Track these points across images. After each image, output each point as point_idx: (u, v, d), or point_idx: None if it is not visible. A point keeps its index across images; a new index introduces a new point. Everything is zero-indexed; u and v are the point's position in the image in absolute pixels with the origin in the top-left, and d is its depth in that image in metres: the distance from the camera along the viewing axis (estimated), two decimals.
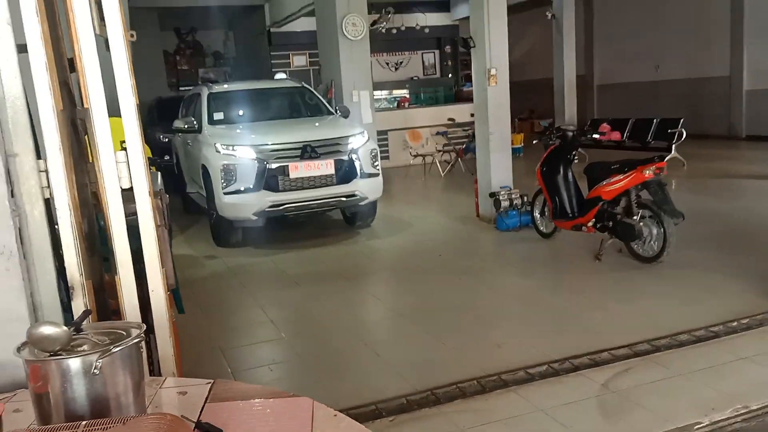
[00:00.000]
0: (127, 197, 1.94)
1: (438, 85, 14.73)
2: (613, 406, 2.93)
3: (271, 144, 6.36)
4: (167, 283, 3.17)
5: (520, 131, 13.18)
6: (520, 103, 16.54)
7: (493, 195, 6.70)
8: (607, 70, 16.08)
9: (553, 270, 5.32)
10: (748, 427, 2.66)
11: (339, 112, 7.91)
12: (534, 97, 16.20)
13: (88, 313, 1.60)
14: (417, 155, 11.52)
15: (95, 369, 1.38)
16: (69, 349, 1.42)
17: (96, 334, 1.50)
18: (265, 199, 6.23)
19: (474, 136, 7.33)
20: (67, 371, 1.38)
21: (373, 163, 6.79)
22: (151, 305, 1.97)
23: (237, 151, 6.33)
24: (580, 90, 16.56)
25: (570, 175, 5.65)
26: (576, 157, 5.74)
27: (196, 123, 7.14)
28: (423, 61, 15.33)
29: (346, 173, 6.54)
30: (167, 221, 5.10)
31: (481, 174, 7.09)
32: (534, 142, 6.40)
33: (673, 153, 9.65)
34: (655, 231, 4.86)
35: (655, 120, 10.35)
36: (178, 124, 7.31)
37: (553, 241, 5.99)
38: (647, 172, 4.80)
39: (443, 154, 11.48)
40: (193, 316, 4.44)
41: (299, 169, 6.31)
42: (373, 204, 7.07)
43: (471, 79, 7.87)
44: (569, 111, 12.12)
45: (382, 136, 12.56)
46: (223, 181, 6.27)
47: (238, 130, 6.97)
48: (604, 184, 5.11)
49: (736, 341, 3.49)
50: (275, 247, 6.66)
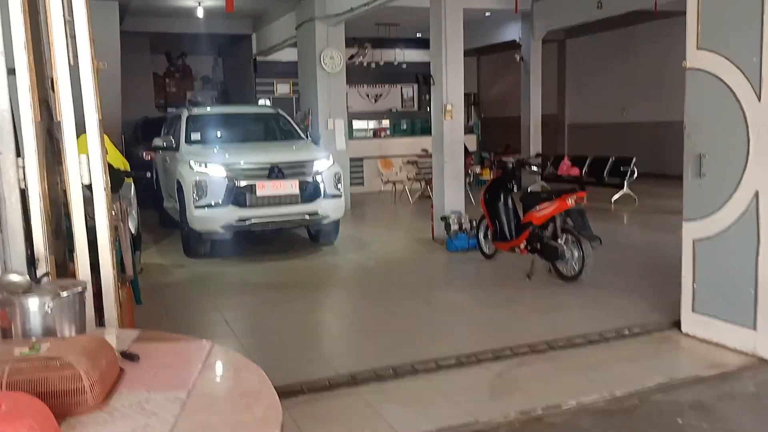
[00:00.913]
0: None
1: (415, 117, 15.44)
2: (500, 389, 3.45)
3: (242, 163, 6.91)
4: (126, 274, 3.70)
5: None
6: (498, 139, 17.36)
7: (444, 219, 7.26)
8: (578, 110, 16.91)
9: (487, 286, 5.87)
10: (609, 409, 3.18)
11: (310, 137, 8.50)
12: (511, 132, 16.98)
13: (46, 273, 2.11)
14: (388, 182, 12.11)
15: (48, 308, 1.88)
16: (29, 294, 1.93)
17: (51, 286, 2.01)
18: (233, 214, 6.75)
19: None
20: (26, 308, 1.88)
21: (336, 185, 7.32)
22: (100, 273, 2.46)
23: (209, 168, 6.86)
24: (553, 128, 17.39)
25: (509, 201, 6.22)
26: (515, 186, 6.32)
27: (174, 142, 7.70)
28: (402, 94, 16.08)
29: (311, 193, 7.07)
30: (136, 226, 5.60)
31: (436, 199, 7.67)
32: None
33: (625, 189, 10.33)
34: (576, 253, 5.42)
35: (611, 158, 11.04)
36: (157, 142, 7.87)
37: (494, 261, 6.54)
38: (569, 201, 5.40)
39: (413, 183, 12.08)
40: (155, 316, 4.88)
41: (266, 188, 6.84)
42: (336, 223, 7.58)
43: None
44: (534, 147, 12.80)
45: (358, 162, 13.18)
46: (195, 195, 6.79)
47: (213, 150, 7.52)
48: (534, 210, 5.69)
49: (620, 344, 4.03)
50: (241, 259, 7.15)
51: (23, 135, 2.29)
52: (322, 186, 7.15)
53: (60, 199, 2.66)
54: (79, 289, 1.98)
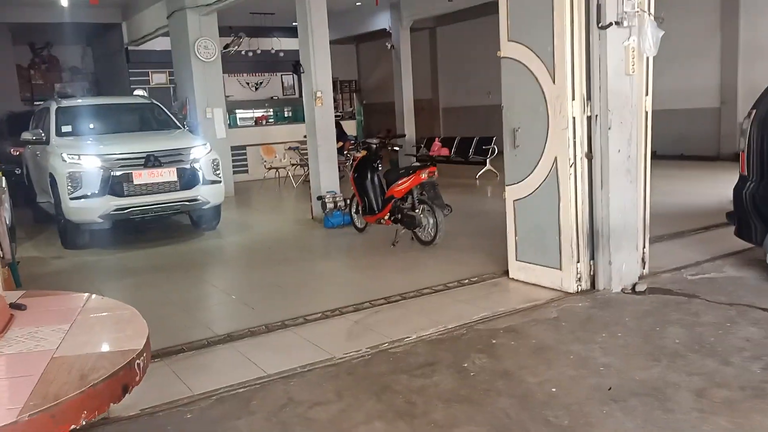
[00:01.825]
0: None
1: (296, 105, 15.78)
2: (355, 332, 4.06)
3: (116, 153, 7.04)
4: (5, 258, 3.94)
5: None
6: (379, 123, 18.11)
7: (321, 198, 7.82)
8: (450, 95, 18.05)
9: (356, 255, 6.51)
10: (441, 338, 3.88)
11: (187, 126, 8.70)
12: (392, 117, 17.80)
13: None
14: (271, 168, 12.46)
15: None
16: None
17: None
18: (110, 203, 6.88)
19: None
20: None
21: (214, 171, 7.63)
22: None
23: (82, 159, 6.93)
24: (428, 112, 18.44)
25: (375, 179, 6.87)
26: (380, 164, 6.97)
27: (44, 135, 7.62)
28: (282, 82, 16.35)
29: (189, 180, 7.33)
30: (11, 217, 5.70)
31: (313, 181, 8.20)
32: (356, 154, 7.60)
33: (487, 166, 11.41)
34: (431, 220, 6.18)
35: (474, 138, 12.10)
36: (26, 136, 7.75)
37: (365, 234, 7.19)
38: (423, 175, 6.13)
39: (296, 168, 12.51)
40: None
41: (143, 176, 7.03)
42: (217, 208, 7.88)
43: None
44: (408, 130, 13.66)
45: (241, 151, 13.38)
46: (69, 187, 6.84)
47: (86, 141, 7.54)
48: (395, 185, 6.38)
49: (460, 290, 4.80)
50: (122, 247, 7.30)
51: None
52: (200, 173, 7.43)
53: None
54: None
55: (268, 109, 15.70)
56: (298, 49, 8.18)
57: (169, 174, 7.19)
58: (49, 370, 1.72)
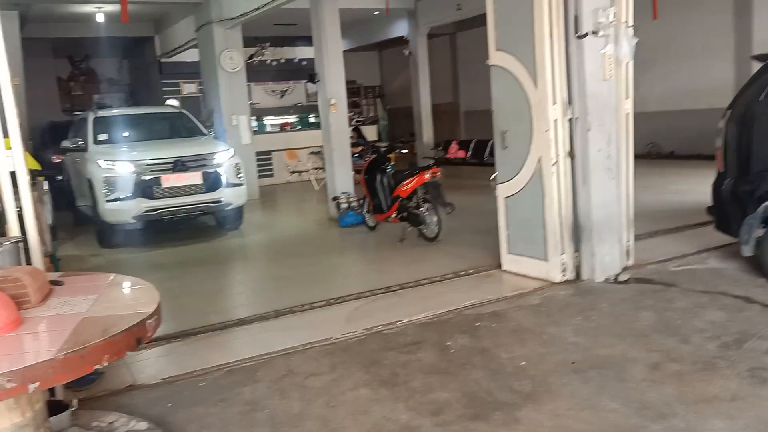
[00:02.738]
0: None
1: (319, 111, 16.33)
2: (354, 317, 4.48)
3: (146, 158, 7.63)
4: (45, 250, 4.46)
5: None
6: (403, 128, 18.55)
7: (335, 199, 8.28)
8: (471, 98, 18.37)
9: (365, 251, 6.95)
10: (430, 322, 4.27)
11: (213, 133, 9.28)
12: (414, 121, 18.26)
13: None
14: (294, 172, 13.00)
15: None
16: None
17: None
18: (141, 205, 7.47)
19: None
20: None
21: (237, 175, 8.15)
22: (28, 238, 3.27)
23: (117, 165, 7.54)
24: (449, 115, 18.79)
25: (384, 179, 7.29)
26: (389, 166, 7.39)
27: (82, 143, 8.28)
28: (306, 89, 16.89)
29: (213, 183, 7.88)
30: (51, 218, 6.29)
31: (328, 183, 8.67)
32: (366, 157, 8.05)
33: None
34: (435, 218, 6.57)
35: (490, 141, 12.42)
36: (66, 144, 8.42)
37: (376, 232, 7.61)
38: (427, 175, 6.53)
39: (318, 171, 13.02)
40: None
41: (170, 180, 7.60)
42: (239, 209, 8.40)
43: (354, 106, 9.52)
44: (427, 134, 14.05)
45: (266, 156, 13.96)
46: (105, 190, 7.45)
47: (120, 148, 8.16)
48: (401, 185, 6.79)
49: (455, 281, 5.18)
50: (152, 246, 7.87)
51: None
52: (223, 176, 7.96)
53: None
54: (18, 239, 2.83)
55: (293, 116, 16.28)
56: None
57: (194, 177, 7.74)
58: (80, 326, 2.20)
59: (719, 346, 3.48)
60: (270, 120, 15.98)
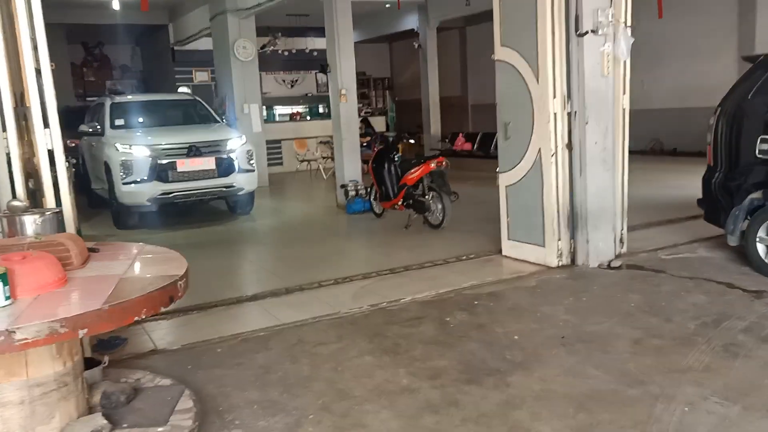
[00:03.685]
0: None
1: (329, 101, 16.56)
2: (360, 294, 4.77)
3: (162, 143, 7.92)
4: (75, 225, 4.75)
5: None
6: (412, 119, 18.78)
7: (344, 186, 8.55)
8: (479, 92, 18.57)
9: (372, 236, 7.23)
10: (432, 300, 4.55)
11: (225, 120, 9.56)
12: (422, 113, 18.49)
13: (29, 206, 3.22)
14: (303, 161, 13.27)
15: (36, 222, 3.01)
16: (26, 213, 3.04)
17: (38, 210, 3.13)
18: (157, 188, 7.77)
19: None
20: (23, 223, 3.00)
21: (249, 161, 8.44)
22: (63, 210, 3.56)
23: (133, 149, 7.83)
24: (458, 108, 19.01)
25: (392, 168, 7.55)
26: (397, 155, 7.66)
27: (99, 127, 8.58)
28: (317, 80, 17.17)
29: (226, 168, 8.17)
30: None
31: (337, 171, 8.95)
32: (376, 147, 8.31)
33: None
34: (439, 206, 6.83)
35: (496, 134, 12.62)
36: (83, 127, 8.72)
37: (383, 219, 7.89)
38: (432, 165, 6.80)
39: (327, 161, 13.29)
40: None
41: (185, 165, 7.89)
42: (251, 194, 8.69)
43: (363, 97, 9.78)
44: (434, 126, 14.29)
45: (276, 144, 14.24)
46: (122, 173, 7.75)
47: (136, 133, 8.46)
48: (408, 173, 7.06)
49: (457, 264, 5.46)
50: (167, 228, 8.18)
51: (5, 116, 3.37)
52: (236, 162, 8.25)
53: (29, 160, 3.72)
54: (57, 210, 3.13)
55: (303, 105, 16.55)
56: None
57: (208, 163, 8.04)
58: (120, 285, 2.49)
59: (699, 325, 3.75)
60: (280, 109, 16.28)
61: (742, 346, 3.40)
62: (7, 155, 3.39)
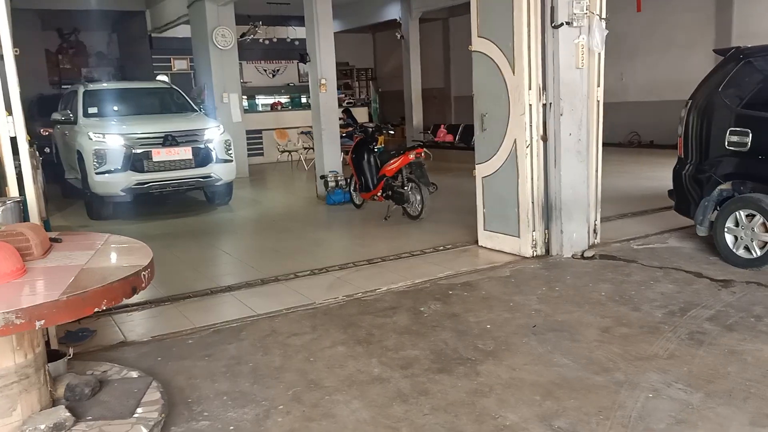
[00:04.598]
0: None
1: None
2: (336, 285, 4.75)
3: (137, 132, 7.80)
4: (41, 216, 4.67)
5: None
6: (395, 110, 18.72)
7: (323, 177, 8.51)
8: (462, 84, 18.55)
9: (351, 227, 7.20)
10: (406, 290, 4.55)
11: (203, 110, 9.43)
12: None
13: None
14: (284, 151, 13.18)
15: None
16: None
17: (0, 199, 3.06)
18: (131, 178, 7.66)
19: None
20: None
21: (227, 151, 8.35)
22: (26, 199, 3.49)
23: (107, 138, 7.71)
24: (440, 100, 18.99)
25: (371, 159, 7.52)
26: (376, 146, 7.63)
27: (72, 115, 8.42)
28: (299, 70, 17.01)
29: (203, 158, 8.08)
30: (43, 183, 6.44)
31: (317, 161, 8.89)
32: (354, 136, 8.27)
33: None
34: (418, 197, 6.83)
35: None
36: (55, 116, 8.56)
37: (362, 210, 7.87)
38: (411, 156, 6.78)
39: (308, 151, 13.21)
40: None
41: (161, 154, 7.79)
42: (229, 185, 8.61)
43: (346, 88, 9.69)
44: (416, 117, 14.26)
45: (257, 135, 14.12)
46: (95, 163, 7.63)
47: (110, 122, 8.32)
48: (387, 165, 7.04)
49: (433, 255, 5.47)
50: (142, 219, 8.08)
51: None
52: (213, 152, 8.16)
53: None
54: (19, 199, 3.06)
55: (284, 96, 16.41)
56: None
57: (184, 152, 7.94)
58: (80, 275, 2.44)
59: (666, 313, 3.79)
60: (261, 99, 16.11)
61: (707, 334, 3.44)
62: None
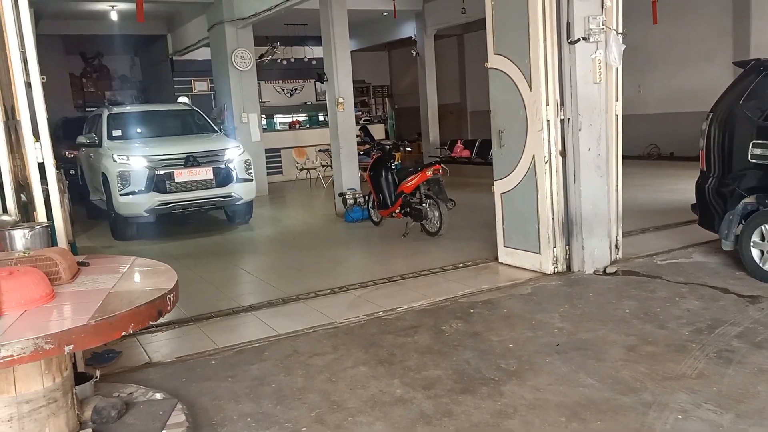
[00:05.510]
0: None
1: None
2: (356, 304, 4.76)
3: (160, 154, 7.93)
4: (68, 239, 4.75)
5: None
6: (411, 127, 18.80)
7: (342, 194, 8.56)
8: (478, 99, 18.59)
9: (369, 245, 7.22)
10: (427, 309, 4.54)
11: (223, 130, 9.57)
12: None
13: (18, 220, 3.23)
14: (302, 169, 13.29)
15: (26, 237, 3.01)
16: (15, 228, 3.05)
17: (28, 224, 3.13)
18: (154, 198, 7.78)
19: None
20: (12, 237, 3.00)
21: (247, 171, 8.45)
22: (54, 224, 3.56)
23: (131, 160, 7.85)
24: (456, 115, 19.04)
25: (389, 176, 7.56)
26: (393, 163, 7.66)
27: (96, 138, 8.60)
28: (316, 88, 17.20)
29: (224, 178, 8.18)
30: (68, 202, 6.59)
31: (335, 179, 8.95)
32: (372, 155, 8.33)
33: None
34: (436, 213, 6.83)
35: None
36: (80, 139, 8.74)
37: (381, 227, 7.89)
38: (429, 172, 6.80)
39: (326, 169, 13.30)
40: None
41: (183, 175, 7.90)
42: (249, 204, 8.70)
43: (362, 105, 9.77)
44: (433, 133, 14.30)
45: (276, 153, 14.27)
46: (119, 185, 7.76)
47: (133, 144, 8.48)
48: (405, 182, 7.06)
49: (453, 272, 5.45)
50: (165, 239, 8.19)
51: None
52: (233, 172, 8.26)
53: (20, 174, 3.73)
54: (47, 224, 3.13)
55: (302, 114, 16.59)
56: None
57: (206, 173, 8.05)
58: (108, 299, 2.48)
59: (692, 331, 3.73)
60: (279, 118, 16.31)
61: (736, 352, 3.38)
62: None
